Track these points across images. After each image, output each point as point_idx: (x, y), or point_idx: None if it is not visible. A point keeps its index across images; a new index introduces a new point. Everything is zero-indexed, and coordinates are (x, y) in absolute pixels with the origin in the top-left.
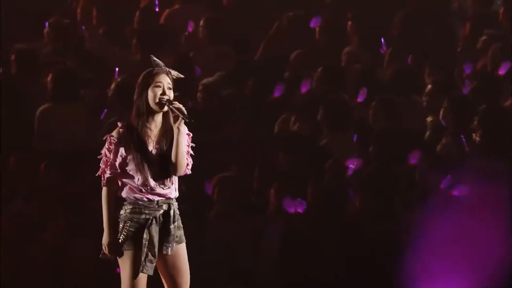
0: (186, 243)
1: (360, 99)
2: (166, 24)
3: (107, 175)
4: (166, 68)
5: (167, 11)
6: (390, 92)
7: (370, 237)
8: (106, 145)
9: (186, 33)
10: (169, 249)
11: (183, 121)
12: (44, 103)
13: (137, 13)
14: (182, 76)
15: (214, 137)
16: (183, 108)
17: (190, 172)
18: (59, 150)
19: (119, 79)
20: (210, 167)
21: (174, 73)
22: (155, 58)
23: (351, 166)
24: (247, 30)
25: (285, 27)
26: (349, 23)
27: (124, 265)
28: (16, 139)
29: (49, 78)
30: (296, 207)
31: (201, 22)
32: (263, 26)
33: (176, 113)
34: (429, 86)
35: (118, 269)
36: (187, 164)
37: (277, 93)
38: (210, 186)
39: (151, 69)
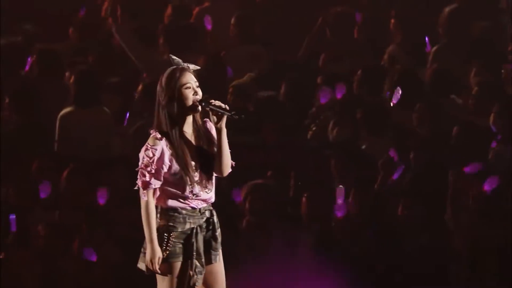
0: None
1: (394, 100)
2: (196, 22)
3: (152, 187)
4: (185, 64)
5: (197, 9)
6: (432, 94)
7: (412, 247)
8: (146, 156)
9: (208, 31)
10: (218, 257)
11: (225, 118)
12: (66, 107)
13: (167, 11)
14: (198, 67)
15: (247, 141)
16: (224, 105)
17: (231, 170)
18: (82, 156)
19: (147, 81)
20: (241, 173)
21: (192, 66)
22: (174, 57)
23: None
24: (280, 29)
25: (329, 24)
26: (392, 20)
27: (170, 278)
28: (37, 143)
29: (71, 80)
30: (338, 210)
31: (232, 20)
32: (298, 24)
33: (218, 111)
34: (476, 88)
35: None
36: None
37: (316, 96)
38: (239, 193)
39: (172, 69)
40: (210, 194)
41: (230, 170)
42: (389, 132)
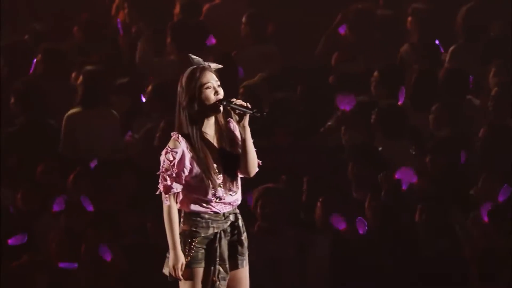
0: None
1: (400, 101)
2: (205, 21)
3: (173, 191)
4: (206, 63)
5: (206, 6)
6: (447, 95)
7: (429, 255)
8: (166, 159)
9: (208, 45)
10: (244, 261)
11: (248, 117)
12: (73, 107)
13: (176, 9)
14: (220, 66)
15: (260, 144)
16: (245, 103)
17: (258, 169)
18: (89, 159)
19: (157, 82)
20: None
21: (213, 65)
22: (194, 56)
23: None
24: (294, 27)
25: (350, 22)
26: (409, 18)
27: (192, 284)
28: (43, 146)
29: (79, 81)
30: (359, 227)
31: (244, 19)
32: (313, 22)
33: (240, 110)
34: (495, 89)
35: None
36: (258, 163)
37: (331, 97)
38: (250, 197)
39: (192, 69)
40: (235, 197)
41: (257, 169)
42: (405, 135)
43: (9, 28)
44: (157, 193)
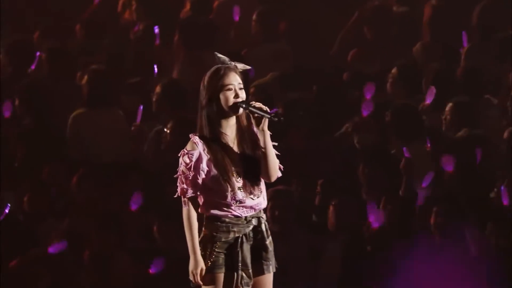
0: None
1: (428, 100)
2: (214, 18)
3: (189, 194)
4: (232, 63)
5: (216, 2)
6: (464, 94)
7: (446, 258)
8: (183, 162)
9: (234, 25)
10: (270, 267)
11: (267, 121)
12: (78, 108)
13: (186, 5)
14: (248, 67)
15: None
16: (264, 107)
17: (281, 174)
18: (94, 161)
19: (165, 81)
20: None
21: (240, 66)
22: (219, 55)
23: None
24: (307, 25)
25: (366, 19)
26: (427, 12)
27: None
28: (48, 147)
29: (84, 81)
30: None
31: (254, 16)
32: (327, 19)
33: (258, 114)
34: None
35: None
36: (279, 167)
37: (344, 98)
38: None
39: (216, 68)
40: (257, 200)
41: (279, 174)
42: (421, 136)
43: (11, 26)
44: (175, 196)
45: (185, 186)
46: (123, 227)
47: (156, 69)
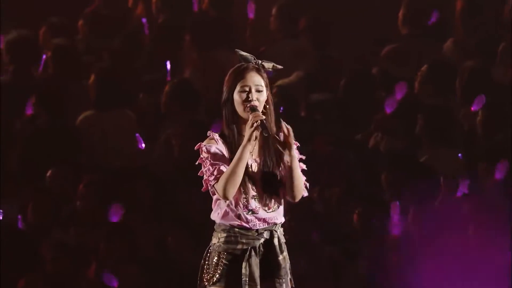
0: None
1: (475, 107)
2: (231, 13)
3: (212, 182)
4: (258, 61)
5: None
6: (502, 95)
7: (486, 272)
8: (202, 156)
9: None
10: (284, 285)
11: (294, 147)
12: (86, 110)
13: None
14: (279, 67)
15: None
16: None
17: (307, 194)
18: (103, 166)
19: (175, 81)
20: None
21: (268, 65)
22: (242, 52)
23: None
24: (331, 20)
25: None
26: (458, 6)
27: None
28: (54, 150)
29: (91, 80)
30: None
31: (273, 11)
32: (352, 13)
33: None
34: None
35: None
36: (305, 185)
37: (372, 99)
38: None
39: (237, 66)
40: (272, 214)
41: (305, 194)
42: (455, 140)
43: (13, 24)
44: (203, 189)
45: (210, 179)
46: (133, 237)
47: (168, 67)
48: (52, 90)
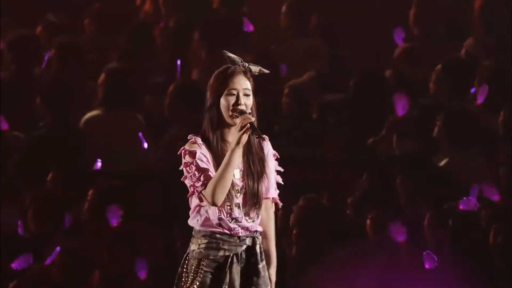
0: None
1: (479, 100)
2: (242, 11)
3: (199, 188)
4: (245, 63)
5: None
6: None
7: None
8: (187, 159)
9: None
10: None
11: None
12: (92, 110)
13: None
14: (266, 71)
15: (304, 153)
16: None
17: (281, 205)
18: (109, 170)
19: (180, 82)
20: (296, 191)
21: (255, 68)
22: (229, 54)
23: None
24: (343, 18)
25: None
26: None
27: None
28: (57, 153)
29: (100, 80)
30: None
31: (284, 8)
32: (365, 11)
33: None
34: None
35: None
36: (275, 200)
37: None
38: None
39: (224, 68)
40: (252, 224)
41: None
42: (475, 143)
43: (15, 21)
44: (188, 196)
45: (196, 184)
46: (139, 243)
47: (179, 67)
48: (55, 90)
